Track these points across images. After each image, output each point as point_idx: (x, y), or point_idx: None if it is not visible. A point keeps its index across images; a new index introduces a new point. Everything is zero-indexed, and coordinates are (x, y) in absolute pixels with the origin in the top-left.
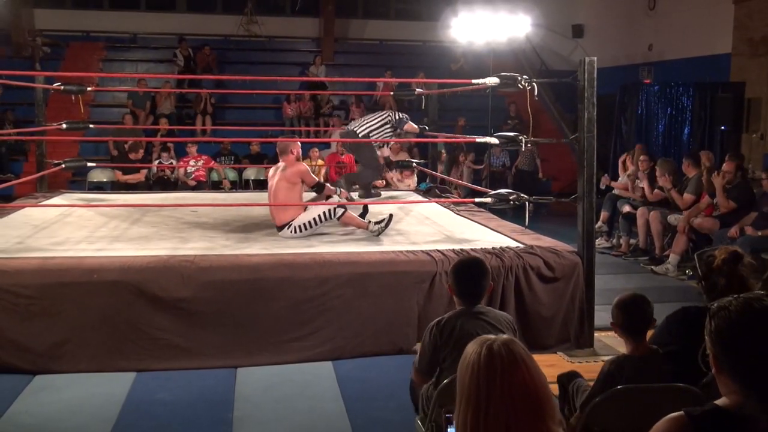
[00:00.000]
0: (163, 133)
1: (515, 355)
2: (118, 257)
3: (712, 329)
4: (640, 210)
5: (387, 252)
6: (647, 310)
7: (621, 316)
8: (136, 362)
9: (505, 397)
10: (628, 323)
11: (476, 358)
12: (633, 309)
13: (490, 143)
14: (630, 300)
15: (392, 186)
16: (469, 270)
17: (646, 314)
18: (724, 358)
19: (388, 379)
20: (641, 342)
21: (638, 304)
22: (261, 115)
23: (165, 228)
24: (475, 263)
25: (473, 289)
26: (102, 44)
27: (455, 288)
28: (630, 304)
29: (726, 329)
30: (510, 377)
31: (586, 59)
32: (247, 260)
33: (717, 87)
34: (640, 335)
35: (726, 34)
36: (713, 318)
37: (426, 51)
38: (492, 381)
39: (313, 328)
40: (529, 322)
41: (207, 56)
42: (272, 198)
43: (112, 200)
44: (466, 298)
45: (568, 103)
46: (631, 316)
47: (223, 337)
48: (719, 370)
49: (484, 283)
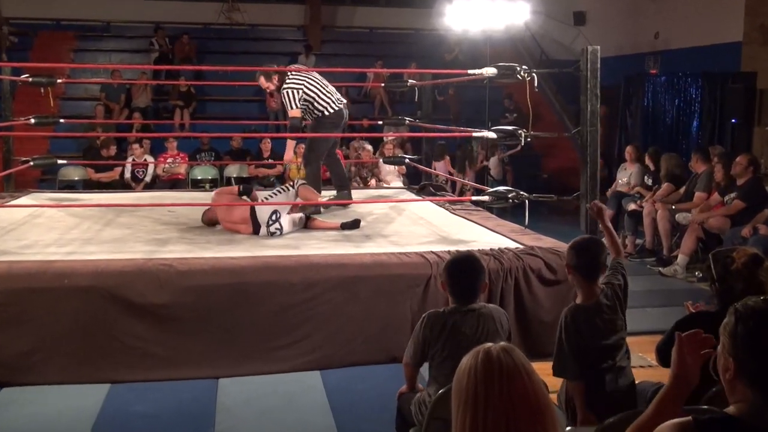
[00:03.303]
0: (138, 128)
1: (515, 362)
2: (91, 261)
3: (738, 332)
4: (646, 208)
5: (378, 254)
6: (601, 254)
7: (575, 258)
8: (111, 373)
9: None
10: (582, 265)
11: (474, 363)
12: (587, 251)
13: (487, 138)
14: (585, 242)
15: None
16: (462, 267)
17: (599, 257)
18: (748, 363)
19: (380, 390)
20: (593, 287)
21: (593, 246)
22: (243, 109)
23: (141, 229)
24: (469, 260)
25: (467, 287)
26: (73, 33)
27: (448, 285)
28: (584, 246)
29: (756, 332)
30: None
31: (588, 48)
32: (229, 263)
33: (727, 77)
34: (593, 279)
35: (737, 21)
36: (741, 321)
37: (419, 40)
38: (490, 387)
39: (299, 335)
40: (529, 328)
41: (186, 46)
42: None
43: (85, 200)
44: (459, 296)
45: (569, 95)
46: (585, 257)
47: (204, 346)
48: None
49: (478, 281)
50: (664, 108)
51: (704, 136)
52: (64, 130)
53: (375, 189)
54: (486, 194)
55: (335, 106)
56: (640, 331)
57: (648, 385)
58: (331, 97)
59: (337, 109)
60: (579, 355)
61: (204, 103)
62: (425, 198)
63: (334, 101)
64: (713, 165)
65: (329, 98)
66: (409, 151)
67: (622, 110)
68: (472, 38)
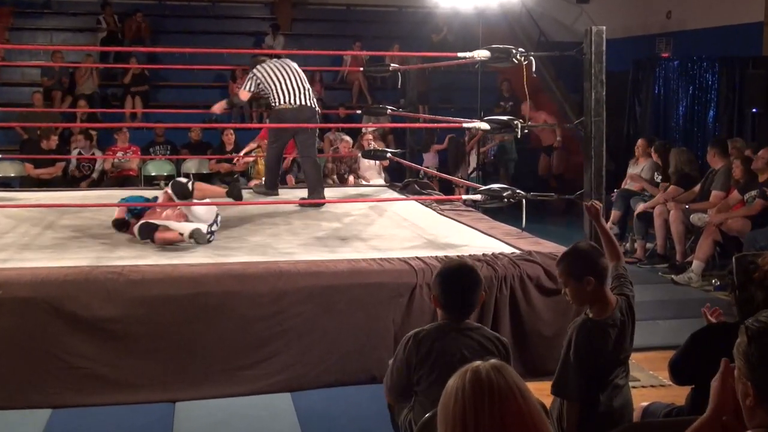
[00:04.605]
0: (84, 117)
1: (506, 381)
2: (29, 269)
3: (752, 352)
4: (658, 208)
5: (357, 260)
6: (468, 285)
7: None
8: (53, 396)
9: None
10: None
11: (461, 385)
12: (451, 282)
13: (480, 129)
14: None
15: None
16: (458, 278)
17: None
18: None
19: (358, 413)
20: (606, 298)
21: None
22: (203, 96)
23: (87, 233)
24: (466, 270)
25: (462, 302)
26: (8, 9)
27: (441, 299)
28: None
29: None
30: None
31: (592, 29)
32: (186, 271)
33: (747, 62)
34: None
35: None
36: (753, 340)
37: (402, 18)
38: (480, 410)
39: (267, 352)
40: (527, 343)
41: (138, 24)
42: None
43: (22, 199)
44: (452, 311)
45: (572, 81)
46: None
47: (159, 365)
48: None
49: (475, 294)
50: (677, 96)
51: (721, 128)
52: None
53: (353, 187)
54: (478, 192)
55: (291, 103)
56: (651, 347)
57: (660, 406)
58: (292, 92)
59: (291, 105)
60: (583, 375)
61: (158, 89)
62: (410, 197)
63: (292, 97)
64: (732, 160)
65: (288, 93)
66: (392, 144)
67: (631, 98)
68: (462, 17)
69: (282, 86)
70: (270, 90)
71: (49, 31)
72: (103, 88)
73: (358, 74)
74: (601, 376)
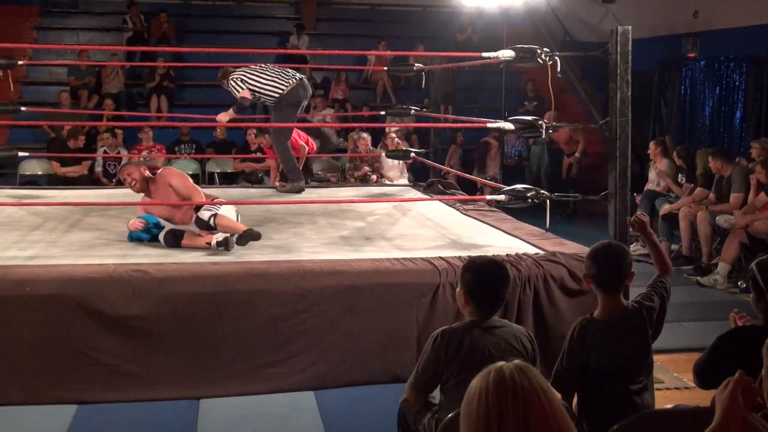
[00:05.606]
0: (110, 116)
1: (530, 382)
2: (56, 266)
3: None
4: (683, 210)
5: (380, 260)
6: (623, 262)
7: (593, 266)
8: (78, 393)
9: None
10: (600, 274)
11: (485, 385)
12: (606, 259)
13: (504, 129)
14: (604, 249)
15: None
16: (487, 274)
17: (620, 266)
18: None
19: (380, 413)
20: (614, 300)
21: (612, 253)
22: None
23: (112, 231)
24: (495, 266)
25: (491, 298)
26: (36, 9)
27: (468, 295)
28: (603, 254)
29: None
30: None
31: (618, 29)
32: (211, 269)
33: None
34: (612, 291)
35: None
36: None
37: (426, 18)
38: (504, 411)
39: (291, 351)
40: (550, 345)
41: (163, 24)
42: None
43: (49, 197)
44: (481, 308)
45: (597, 82)
46: (603, 266)
47: (183, 363)
48: None
49: (504, 291)
50: (704, 96)
51: (748, 128)
52: (25, 118)
53: (377, 186)
54: (502, 193)
55: (282, 87)
56: (676, 349)
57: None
58: (275, 79)
59: (284, 89)
60: (579, 373)
61: (184, 88)
62: (433, 197)
63: (278, 82)
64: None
65: (272, 82)
66: (416, 144)
67: (656, 99)
68: (487, 16)
69: (268, 78)
70: (261, 88)
71: (75, 31)
72: (129, 87)
73: (383, 74)
74: (601, 377)
